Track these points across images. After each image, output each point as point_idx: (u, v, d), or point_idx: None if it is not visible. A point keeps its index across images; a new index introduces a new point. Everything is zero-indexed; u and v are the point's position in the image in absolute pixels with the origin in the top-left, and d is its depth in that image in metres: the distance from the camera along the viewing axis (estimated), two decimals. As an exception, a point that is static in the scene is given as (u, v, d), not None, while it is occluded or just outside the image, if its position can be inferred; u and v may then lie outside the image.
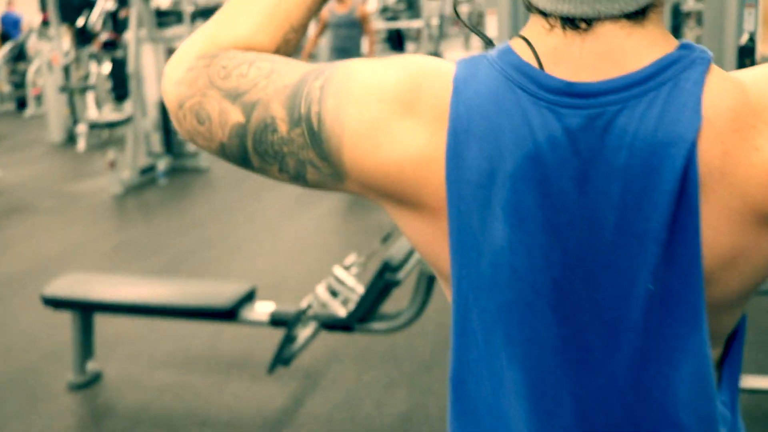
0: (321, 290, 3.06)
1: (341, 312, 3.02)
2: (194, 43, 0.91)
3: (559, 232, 0.77)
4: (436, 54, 12.45)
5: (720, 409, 0.81)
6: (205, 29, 0.92)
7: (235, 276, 4.61)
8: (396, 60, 0.84)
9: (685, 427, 0.79)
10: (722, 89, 0.73)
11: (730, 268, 0.76)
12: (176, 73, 0.89)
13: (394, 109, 0.79)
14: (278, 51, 0.91)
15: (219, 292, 3.13)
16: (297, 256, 5.05)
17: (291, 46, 0.93)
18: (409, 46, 14.69)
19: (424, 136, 0.79)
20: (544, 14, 0.77)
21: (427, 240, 0.85)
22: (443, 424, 3.02)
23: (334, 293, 3.09)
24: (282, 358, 3.02)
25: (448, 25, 18.55)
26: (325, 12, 7.07)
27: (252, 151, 0.85)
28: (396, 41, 13.54)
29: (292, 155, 0.84)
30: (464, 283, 0.82)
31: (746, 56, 3.31)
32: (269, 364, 3.09)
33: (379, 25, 14.20)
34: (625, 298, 0.77)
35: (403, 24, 14.09)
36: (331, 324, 3.06)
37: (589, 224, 0.76)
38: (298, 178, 0.86)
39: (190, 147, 7.41)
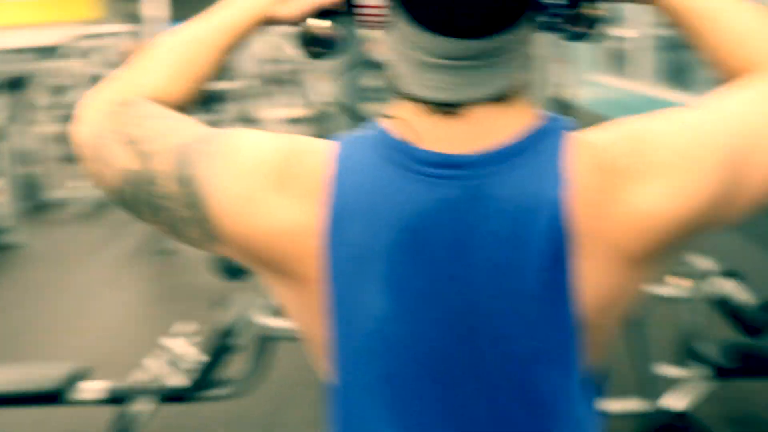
0: (155, 362, 2.99)
1: (180, 382, 2.96)
2: (110, 88, 0.95)
3: (437, 300, 0.81)
4: (249, 115, 12.47)
5: None
6: (122, 75, 0.96)
7: (57, 356, 4.40)
8: (279, 136, 0.88)
9: None
10: (583, 154, 0.80)
11: (608, 311, 0.83)
12: (89, 114, 0.93)
13: (268, 183, 0.83)
14: (186, 101, 0.96)
15: (42, 373, 2.98)
16: (123, 329, 4.89)
17: (198, 96, 0.98)
18: (219, 105, 14.60)
19: (297, 209, 0.83)
20: (417, 99, 0.82)
21: (299, 309, 0.89)
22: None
23: (169, 364, 3.02)
24: (120, 437, 2.91)
25: (263, 83, 18.61)
26: None
27: (139, 200, 0.88)
28: (204, 101, 13.44)
29: (175, 211, 0.87)
30: (346, 353, 0.85)
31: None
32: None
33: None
34: (505, 357, 0.82)
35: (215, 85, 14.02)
36: (170, 396, 2.99)
37: (467, 290, 0.81)
38: (179, 234, 0.89)
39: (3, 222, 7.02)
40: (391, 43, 0.84)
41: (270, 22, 0.98)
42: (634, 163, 0.79)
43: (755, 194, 0.83)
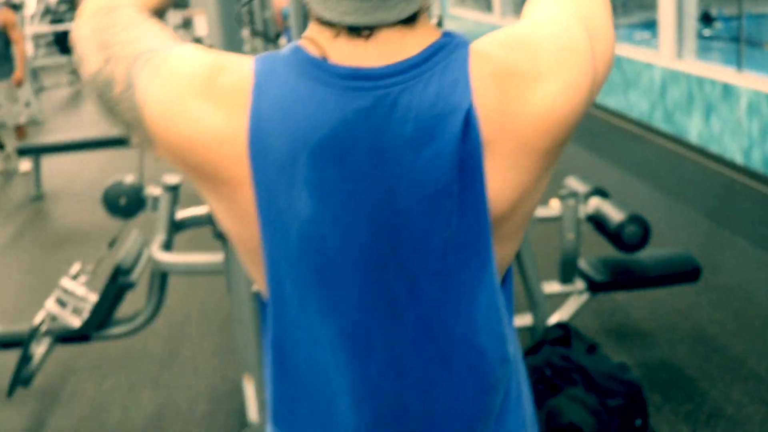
0: (51, 304, 2.96)
1: (76, 322, 2.94)
2: None
3: (360, 201, 0.88)
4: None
5: (507, 330, 0.98)
6: None
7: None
8: (209, 52, 0.92)
9: (484, 348, 0.94)
10: (481, 63, 0.88)
11: (518, 207, 0.92)
12: (88, 10, 1.00)
13: (192, 92, 0.88)
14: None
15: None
16: (14, 277, 4.77)
17: (166, 5, 1.08)
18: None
19: (219, 118, 0.87)
20: (328, 23, 0.88)
21: (223, 216, 0.94)
22: (194, 416, 3.07)
23: (64, 305, 3.00)
24: (21, 379, 2.89)
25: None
26: None
27: (102, 100, 0.95)
28: (64, 44, 12.87)
29: (122, 114, 0.93)
30: (276, 255, 0.90)
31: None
32: (7, 388, 2.94)
33: (44, 28, 13.44)
34: (425, 249, 0.90)
35: (70, 26, 13.43)
36: (66, 336, 2.97)
37: (386, 191, 0.88)
38: (128, 135, 0.96)
39: None
40: None
41: None
42: (529, 67, 0.88)
43: (600, 79, 0.95)
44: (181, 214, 3.07)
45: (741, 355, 3.24)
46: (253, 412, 2.74)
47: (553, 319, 3.14)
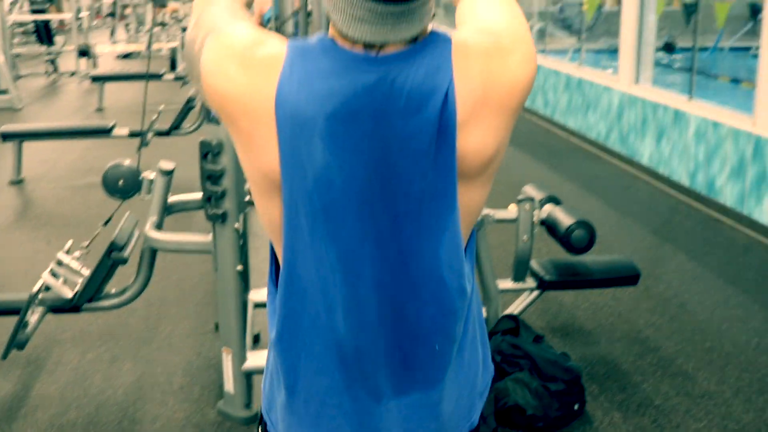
0: (47, 275, 3.20)
1: (68, 294, 3.19)
2: None
3: (362, 154, 1.15)
4: (86, 45, 12.20)
5: (465, 269, 1.25)
6: None
7: None
8: (255, 30, 1.20)
9: (445, 279, 1.21)
10: (464, 52, 1.15)
11: (493, 160, 1.20)
12: None
13: (232, 55, 1.15)
14: None
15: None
16: (14, 247, 4.97)
17: None
18: (58, 39, 14.15)
19: (247, 78, 1.14)
20: (349, 38, 1.14)
21: (247, 160, 1.20)
22: (171, 387, 3.33)
23: (57, 277, 3.24)
24: (16, 343, 3.12)
25: (93, 17, 18.11)
26: None
27: (191, 60, 1.24)
28: (44, 34, 12.97)
29: (195, 70, 1.21)
30: (294, 193, 1.16)
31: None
32: (3, 351, 3.17)
33: (25, 17, 13.54)
34: (406, 195, 1.16)
35: (50, 16, 13.55)
36: (58, 307, 3.21)
37: (382, 147, 1.15)
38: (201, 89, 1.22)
39: None
40: None
41: None
42: (497, 47, 1.17)
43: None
44: (173, 198, 3.33)
45: (672, 355, 3.59)
46: (229, 384, 3.01)
47: (506, 313, 3.45)
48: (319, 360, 1.24)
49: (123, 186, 3.25)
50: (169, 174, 3.24)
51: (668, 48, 9.47)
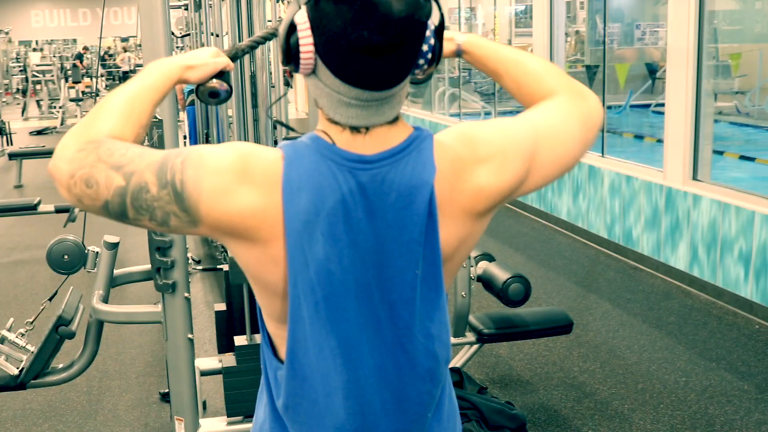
0: (-10, 354, 3.17)
1: (13, 371, 3.17)
2: (78, 132, 1.26)
3: (357, 247, 1.24)
4: (0, 122, 12.04)
5: (449, 338, 1.36)
6: (83, 123, 1.28)
7: None
8: (229, 144, 1.26)
9: (437, 354, 1.32)
10: (443, 151, 1.27)
11: (461, 249, 1.32)
12: (66, 154, 1.23)
13: (233, 178, 1.21)
14: (135, 141, 1.31)
15: None
16: None
17: (141, 139, 1.33)
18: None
19: (257, 195, 1.21)
20: (336, 123, 1.25)
21: (258, 263, 1.27)
22: (122, 459, 3.31)
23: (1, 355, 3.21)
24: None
25: (2, 94, 17.87)
26: None
27: (129, 206, 1.22)
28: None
29: (160, 209, 1.22)
30: (298, 286, 1.25)
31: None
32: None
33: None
34: (401, 283, 1.27)
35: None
36: (3, 385, 3.18)
37: (376, 240, 1.25)
38: (164, 224, 1.24)
39: None
40: (316, 83, 1.25)
41: (183, 82, 1.40)
42: (470, 155, 1.28)
43: (546, 173, 1.36)
44: (118, 271, 3.37)
45: (607, 399, 3.75)
46: (183, 452, 3.03)
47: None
48: None
49: (68, 261, 3.27)
50: (114, 247, 3.28)
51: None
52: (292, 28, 1.20)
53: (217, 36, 5.30)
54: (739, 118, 9.87)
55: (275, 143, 3.72)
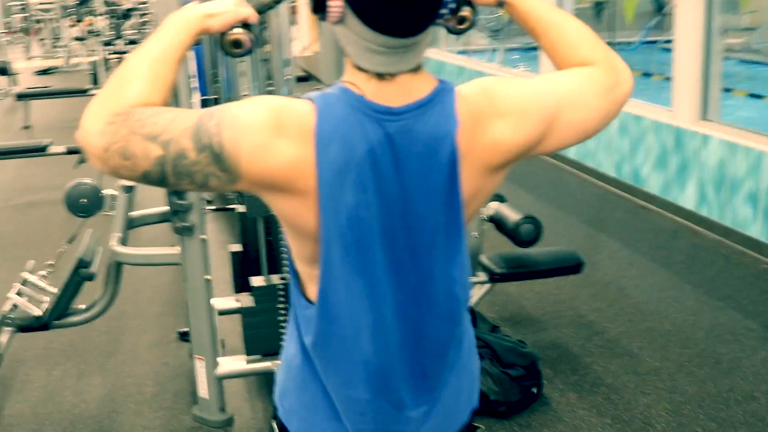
0: (14, 295, 3.25)
1: (37, 312, 3.24)
2: (105, 103, 1.26)
3: (384, 194, 1.29)
4: (4, 62, 11.99)
5: (469, 281, 1.42)
6: (108, 92, 1.28)
7: None
8: (258, 100, 1.29)
9: (458, 296, 1.37)
10: (465, 104, 1.31)
11: (477, 198, 1.36)
12: (97, 126, 1.23)
13: (270, 133, 1.24)
14: (163, 103, 1.31)
15: None
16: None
17: (169, 100, 1.33)
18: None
19: (294, 147, 1.25)
20: (363, 70, 1.28)
21: (294, 212, 1.31)
22: (144, 396, 3.42)
23: (23, 297, 3.28)
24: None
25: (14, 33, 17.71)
26: None
27: (170, 173, 1.24)
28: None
29: (200, 172, 1.25)
30: (329, 232, 1.29)
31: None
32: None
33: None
34: (423, 228, 1.32)
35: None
36: (27, 326, 3.26)
37: (401, 188, 1.29)
38: (204, 186, 1.27)
39: None
40: (344, 31, 1.28)
41: (204, 33, 1.37)
42: (490, 109, 1.32)
43: (564, 137, 1.40)
44: (134, 213, 3.42)
45: (616, 337, 3.82)
46: (204, 390, 3.11)
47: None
48: (345, 374, 1.37)
49: (85, 204, 3.31)
50: (130, 190, 3.32)
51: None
52: None
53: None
54: (749, 55, 9.81)
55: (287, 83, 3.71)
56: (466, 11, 1.42)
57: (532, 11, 1.47)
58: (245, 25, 1.40)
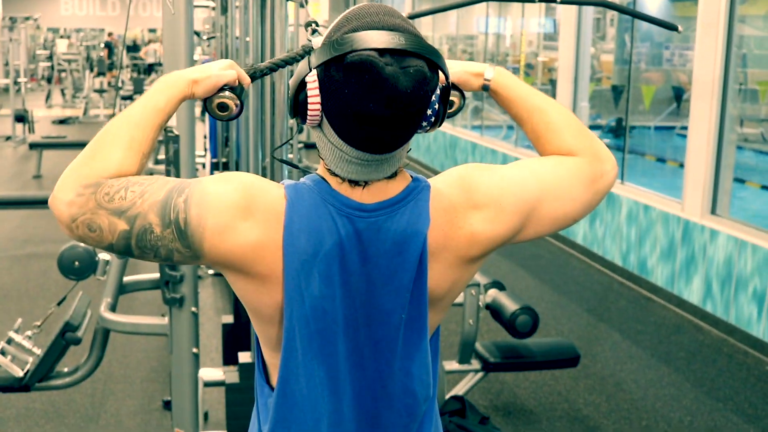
0: (-3, 355, 3.19)
1: (18, 373, 3.18)
2: (77, 171, 1.25)
3: (350, 288, 1.28)
4: (24, 110, 12.12)
5: (431, 378, 1.38)
6: (83, 159, 1.27)
7: None
8: (231, 178, 1.28)
9: (416, 392, 1.35)
10: (439, 200, 1.29)
11: (452, 291, 1.35)
12: (67, 196, 1.23)
13: (236, 214, 1.24)
14: (139, 170, 1.30)
15: None
16: None
17: (144, 166, 1.33)
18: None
19: (258, 230, 1.24)
20: (336, 175, 1.27)
21: (253, 294, 1.30)
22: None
23: (5, 355, 3.22)
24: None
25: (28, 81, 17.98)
26: None
27: (134, 246, 1.24)
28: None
29: (164, 247, 1.24)
30: (293, 318, 1.29)
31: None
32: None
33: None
34: (387, 324, 1.31)
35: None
36: (8, 386, 3.20)
37: (367, 283, 1.29)
38: (167, 259, 1.27)
39: None
40: (320, 136, 1.28)
41: (190, 98, 1.36)
42: (466, 202, 1.31)
43: (543, 227, 1.38)
44: (127, 278, 3.37)
45: (610, 434, 3.72)
46: (182, 464, 3.03)
47: (451, 394, 3.55)
48: None
49: (78, 267, 3.28)
50: (124, 256, 3.28)
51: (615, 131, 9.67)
52: (302, 85, 1.24)
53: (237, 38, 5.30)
54: (765, 146, 9.80)
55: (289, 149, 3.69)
56: (454, 96, 1.42)
57: (516, 96, 1.45)
58: (232, 89, 1.38)
